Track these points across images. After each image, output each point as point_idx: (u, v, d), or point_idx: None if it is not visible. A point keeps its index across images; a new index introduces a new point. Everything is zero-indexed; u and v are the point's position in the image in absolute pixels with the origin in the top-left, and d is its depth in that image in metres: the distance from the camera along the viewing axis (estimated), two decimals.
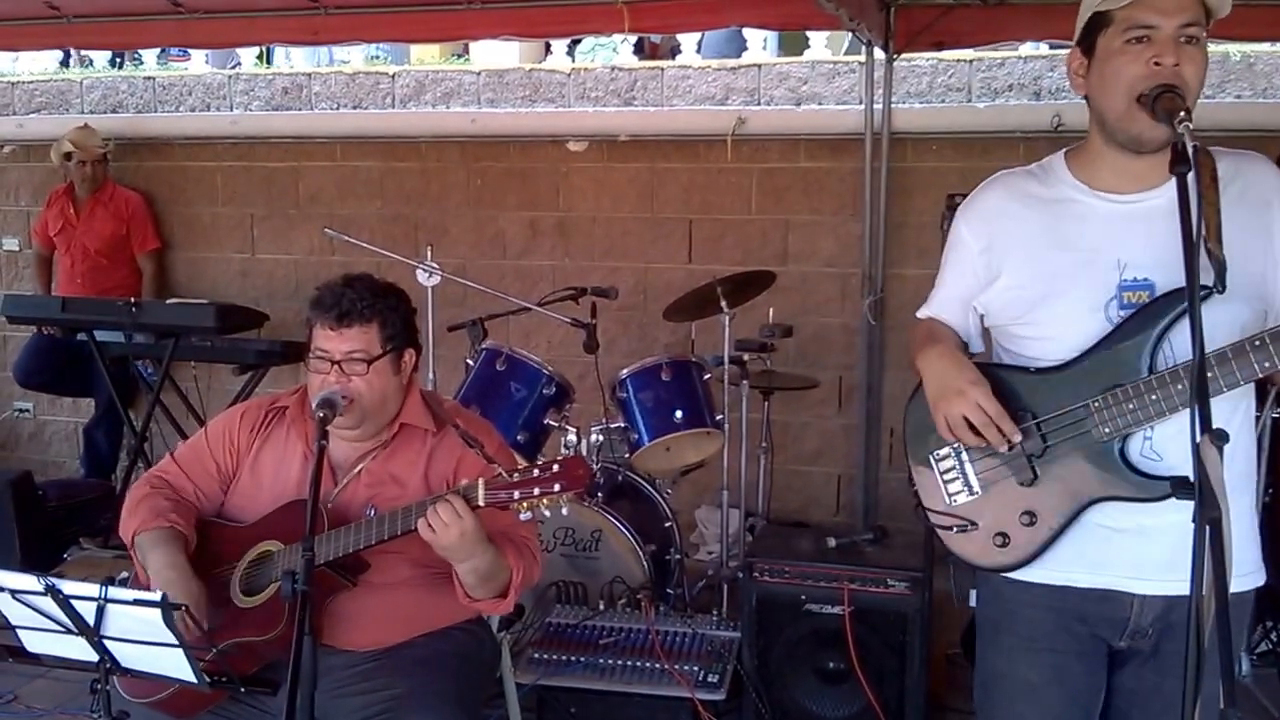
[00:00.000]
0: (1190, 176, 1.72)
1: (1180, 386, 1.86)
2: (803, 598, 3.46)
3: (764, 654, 3.53)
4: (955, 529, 2.11)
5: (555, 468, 2.31)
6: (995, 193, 2.14)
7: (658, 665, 3.55)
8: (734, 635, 3.70)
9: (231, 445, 2.75)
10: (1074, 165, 2.06)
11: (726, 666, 3.56)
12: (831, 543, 3.60)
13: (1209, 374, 1.79)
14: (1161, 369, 1.91)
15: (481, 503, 2.35)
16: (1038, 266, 2.03)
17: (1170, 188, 1.89)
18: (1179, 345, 1.90)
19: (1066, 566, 2.04)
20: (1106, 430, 1.95)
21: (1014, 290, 2.07)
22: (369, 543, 2.45)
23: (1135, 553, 1.99)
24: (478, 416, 3.13)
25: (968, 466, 2.11)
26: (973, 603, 2.33)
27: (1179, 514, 1.85)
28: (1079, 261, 1.99)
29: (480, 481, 2.36)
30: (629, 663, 3.59)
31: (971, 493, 2.11)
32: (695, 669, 3.54)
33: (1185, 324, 1.84)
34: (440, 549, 2.39)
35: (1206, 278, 1.75)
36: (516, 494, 2.32)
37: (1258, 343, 1.82)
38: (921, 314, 2.30)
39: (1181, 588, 1.88)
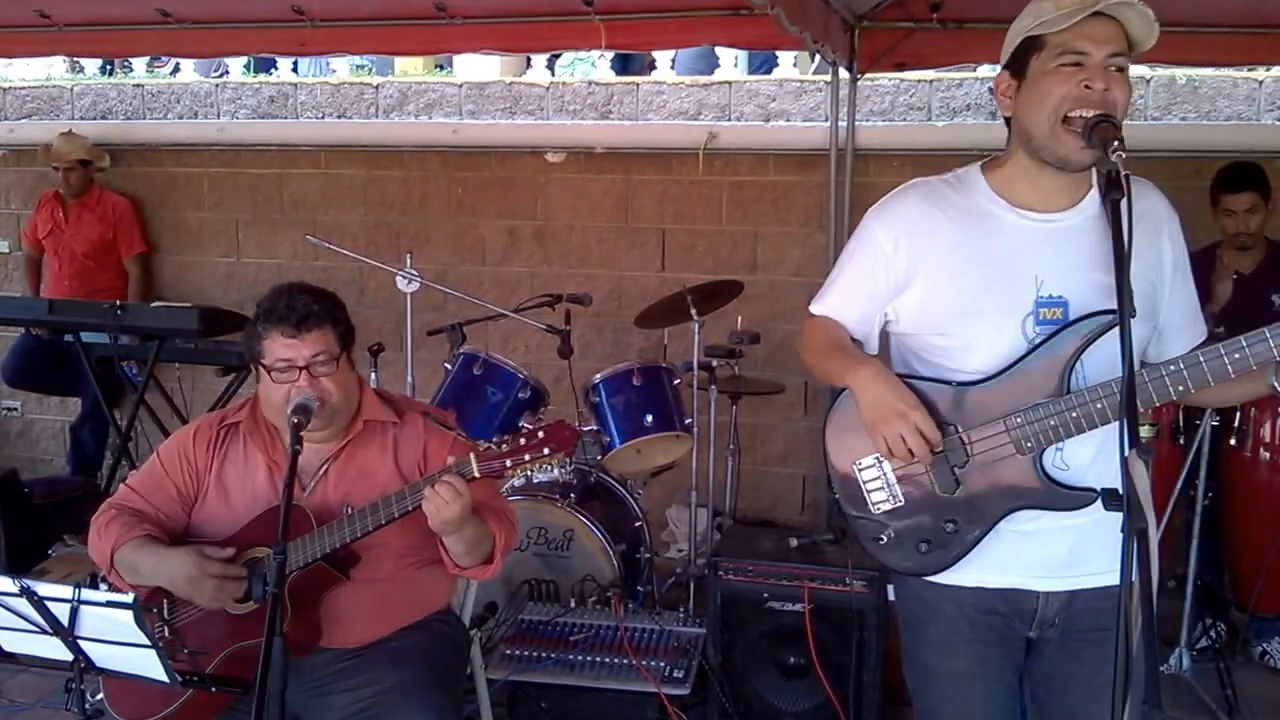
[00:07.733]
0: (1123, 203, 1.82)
1: (1100, 405, 1.95)
2: (765, 595, 3.57)
3: (728, 649, 3.63)
4: (879, 538, 2.15)
5: (542, 433, 2.41)
6: (914, 199, 2.14)
7: (626, 661, 3.62)
8: (699, 631, 3.76)
9: (189, 466, 2.73)
10: (991, 179, 2.11)
11: (692, 662, 3.64)
12: (793, 543, 3.70)
13: (1118, 396, 1.88)
14: (1075, 387, 1.99)
15: (476, 474, 2.43)
16: (957, 280, 2.07)
17: (1083, 208, 2.05)
18: (1090, 365, 1.99)
19: (976, 570, 2.11)
20: (1029, 445, 2.01)
21: (931, 302, 2.10)
22: (365, 530, 2.51)
23: (1038, 554, 2.10)
24: (430, 405, 3.17)
25: (890, 476, 2.14)
26: (891, 597, 2.44)
27: (1079, 518, 2.04)
28: (998, 276, 2.04)
29: (471, 455, 2.44)
30: (598, 659, 3.65)
31: (895, 501, 2.14)
32: (662, 664, 3.61)
33: (1098, 345, 1.97)
34: (439, 524, 2.45)
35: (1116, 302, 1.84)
36: (509, 462, 2.41)
37: (1173, 367, 1.93)
38: (815, 310, 2.28)
39: (1080, 582, 2.12)
